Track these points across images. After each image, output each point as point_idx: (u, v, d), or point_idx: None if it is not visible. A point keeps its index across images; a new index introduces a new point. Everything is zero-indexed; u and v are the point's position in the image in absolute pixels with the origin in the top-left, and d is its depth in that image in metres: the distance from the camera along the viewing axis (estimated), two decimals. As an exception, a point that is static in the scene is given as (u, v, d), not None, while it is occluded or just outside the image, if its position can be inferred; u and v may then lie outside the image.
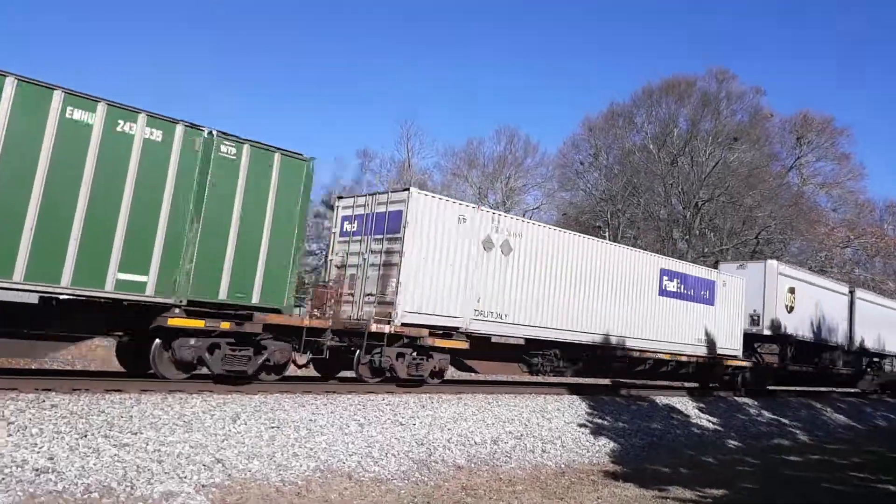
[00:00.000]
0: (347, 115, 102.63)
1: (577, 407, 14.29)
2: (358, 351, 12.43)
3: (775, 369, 23.71)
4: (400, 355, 12.60)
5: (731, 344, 21.00)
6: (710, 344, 19.86)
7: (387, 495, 8.20)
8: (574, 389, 16.15)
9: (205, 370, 10.52)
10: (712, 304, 20.08)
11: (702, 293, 19.70)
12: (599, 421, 13.74)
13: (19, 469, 6.46)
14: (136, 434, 7.79)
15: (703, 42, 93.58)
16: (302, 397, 10.50)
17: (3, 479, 6.25)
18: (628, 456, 12.36)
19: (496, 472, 10.00)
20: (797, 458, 14.18)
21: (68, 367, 11.60)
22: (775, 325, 22.80)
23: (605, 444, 12.64)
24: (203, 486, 7.22)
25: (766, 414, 19.30)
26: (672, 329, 18.66)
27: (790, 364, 23.94)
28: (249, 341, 10.65)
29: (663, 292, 18.41)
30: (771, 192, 48.59)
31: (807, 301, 24.71)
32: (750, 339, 22.93)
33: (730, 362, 20.73)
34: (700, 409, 17.27)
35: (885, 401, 28.56)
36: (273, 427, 9.04)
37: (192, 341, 10.06)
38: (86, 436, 7.43)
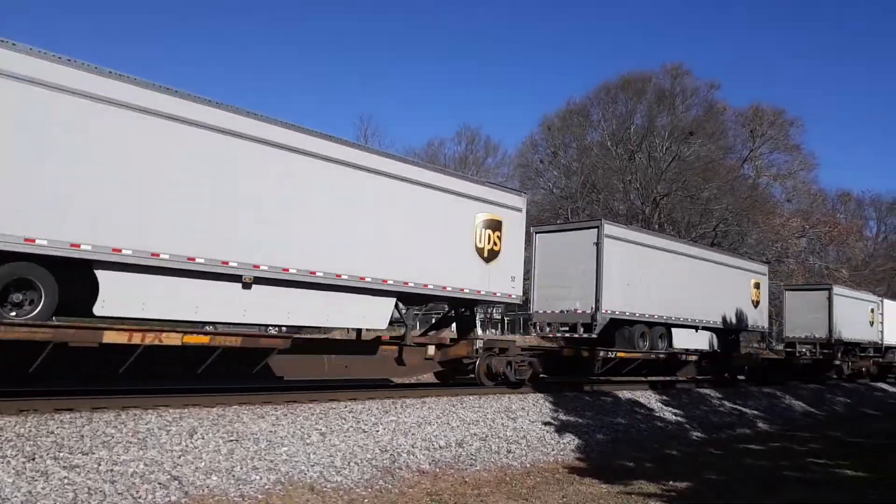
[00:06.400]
0: (304, 115, 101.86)
1: (541, 405, 14.29)
2: None
3: None
4: None
5: None
6: None
7: (350, 505, 8.07)
8: (538, 388, 16.16)
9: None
10: None
11: None
12: (564, 418, 13.76)
13: (-39, 498, 6.21)
14: (87, 454, 7.53)
15: (660, 37, 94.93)
16: (262, 408, 10.29)
17: (-57, 509, 5.99)
18: (593, 452, 12.39)
19: (461, 476, 9.93)
20: (759, 447, 14.39)
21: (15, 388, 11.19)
22: None
23: (570, 441, 12.66)
24: (158, 505, 7.02)
25: (727, 404, 19.58)
26: None
27: None
28: None
29: None
30: (727, 184, 49.52)
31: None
32: None
33: None
34: (663, 403, 17.43)
35: (842, 386, 29.10)
36: (232, 440, 8.84)
37: None
38: (33, 459, 7.15)
